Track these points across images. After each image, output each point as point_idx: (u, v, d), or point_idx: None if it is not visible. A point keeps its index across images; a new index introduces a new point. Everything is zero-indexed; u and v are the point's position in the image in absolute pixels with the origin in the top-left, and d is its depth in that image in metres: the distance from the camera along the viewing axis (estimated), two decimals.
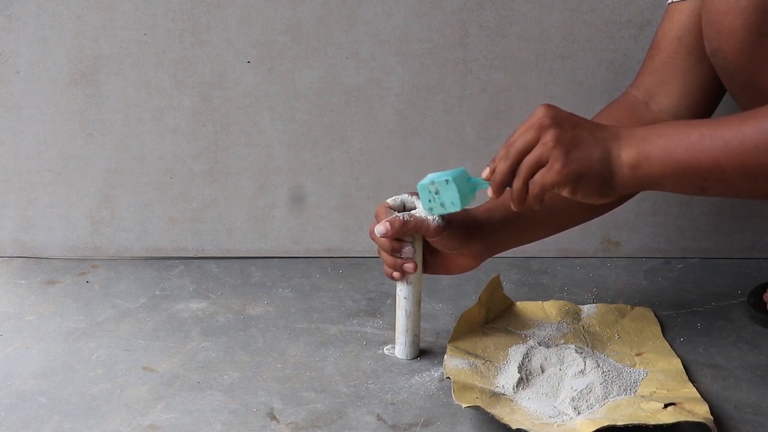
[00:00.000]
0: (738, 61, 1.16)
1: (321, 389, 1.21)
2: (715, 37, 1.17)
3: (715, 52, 1.18)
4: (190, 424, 1.13)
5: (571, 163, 1.07)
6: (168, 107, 1.53)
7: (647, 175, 1.07)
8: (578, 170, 1.07)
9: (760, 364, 1.27)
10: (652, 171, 1.07)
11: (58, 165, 1.55)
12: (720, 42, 1.16)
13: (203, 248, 1.59)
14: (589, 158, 1.08)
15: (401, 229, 1.20)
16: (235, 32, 1.50)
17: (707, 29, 1.18)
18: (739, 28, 1.15)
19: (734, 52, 1.16)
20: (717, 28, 1.16)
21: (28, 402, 1.17)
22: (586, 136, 1.08)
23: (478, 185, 1.16)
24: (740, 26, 1.14)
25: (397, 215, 1.21)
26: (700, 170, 1.05)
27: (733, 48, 1.16)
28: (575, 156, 1.08)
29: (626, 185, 1.08)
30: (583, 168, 1.07)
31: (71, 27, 1.49)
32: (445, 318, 1.39)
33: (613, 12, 1.50)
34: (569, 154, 1.07)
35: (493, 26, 1.51)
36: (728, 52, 1.16)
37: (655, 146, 1.06)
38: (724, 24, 1.15)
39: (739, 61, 1.16)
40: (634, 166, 1.07)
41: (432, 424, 1.14)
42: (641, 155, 1.07)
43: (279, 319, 1.39)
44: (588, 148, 1.08)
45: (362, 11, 1.49)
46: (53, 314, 1.40)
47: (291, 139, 1.55)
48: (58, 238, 1.58)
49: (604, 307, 1.40)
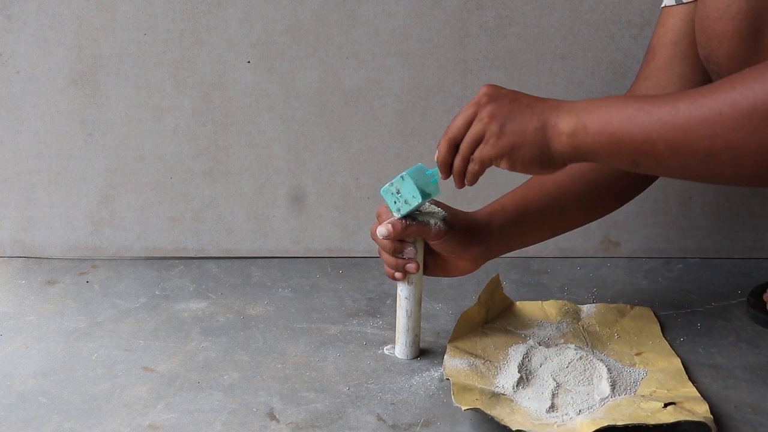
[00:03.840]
0: (730, 66, 1.16)
1: (321, 389, 1.21)
2: (707, 43, 1.17)
3: (708, 58, 1.18)
4: (190, 424, 1.13)
5: (506, 136, 1.09)
6: (168, 107, 1.53)
7: (583, 144, 1.07)
8: (513, 142, 1.09)
9: (760, 364, 1.27)
10: (588, 140, 1.06)
11: (58, 165, 1.55)
12: (712, 48, 1.16)
13: (203, 248, 1.59)
14: (524, 130, 1.09)
15: (403, 231, 1.21)
16: (235, 32, 1.50)
17: (700, 35, 1.18)
18: (730, 34, 1.14)
19: (726, 57, 1.16)
20: (709, 34, 1.16)
21: (28, 402, 1.17)
22: (522, 109, 1.10)
23: (435, 174, 1.18)
24: (732, 32, 1.14)
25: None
26: (633, 143, 1.04)
27: (725, 54, 1.16)
28: (510, 128, 1.09)
29: (564, 155, 1.09)
30: (518, 139, 1.09)
31: (71, 27, 1.49)
32: (445, 318, 1.39)
33: (613, 12, 1.50)
34: (504, 127, 1.09)
35: (493, 26, 1.51)
36: (721, 58, 1.16)
37: (594, 116, 1.06)
38: (716, 30, 1.15)
39: (731, 67, 1.15)
40: (571, 135, 1.07)
41: (432, 424, 1.14)
42: (579, 124, 1.07)
43: (279, 319, 1.39)
44: (524, 120, 1.09)
45: (362, 11, 1.50)
46: (53, 314, 1.40)
47: (291, 139, 1.55)
48: (58, 238, 1.58)
49: (604, 306, 1.40)
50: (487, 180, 1.27)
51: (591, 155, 1.08)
